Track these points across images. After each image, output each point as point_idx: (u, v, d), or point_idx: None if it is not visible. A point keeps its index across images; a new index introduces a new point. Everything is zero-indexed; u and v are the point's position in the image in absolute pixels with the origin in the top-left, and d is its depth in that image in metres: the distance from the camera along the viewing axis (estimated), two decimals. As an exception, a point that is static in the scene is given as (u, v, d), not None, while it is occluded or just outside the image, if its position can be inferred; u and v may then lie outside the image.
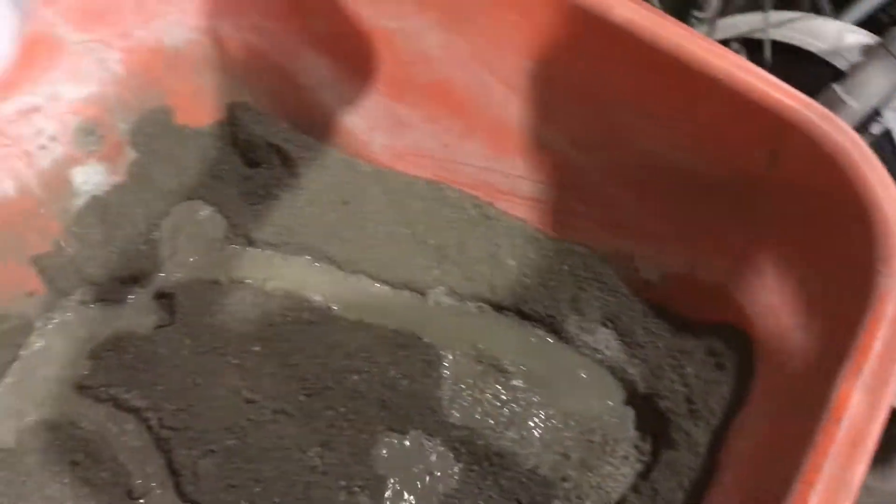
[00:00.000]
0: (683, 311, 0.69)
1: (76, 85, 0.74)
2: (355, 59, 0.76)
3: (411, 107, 0.75)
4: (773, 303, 0.61)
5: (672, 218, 0.67)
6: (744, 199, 0.61)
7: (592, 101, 0.65)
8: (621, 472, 0.65)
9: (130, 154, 0.78)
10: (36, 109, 0.71)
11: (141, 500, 0.65)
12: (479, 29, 0.67)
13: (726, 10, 1.02)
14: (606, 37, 0.60)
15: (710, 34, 0.95)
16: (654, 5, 0.71)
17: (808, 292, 0.58)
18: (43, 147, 0.72)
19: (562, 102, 0.67)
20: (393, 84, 0.75)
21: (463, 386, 0.70)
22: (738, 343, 0.64)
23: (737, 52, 0.91)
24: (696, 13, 0.96)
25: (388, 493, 0.66)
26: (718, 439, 0.61)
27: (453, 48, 0.69)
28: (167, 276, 0.76)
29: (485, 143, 0.74)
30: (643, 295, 0.71)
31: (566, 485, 0.65)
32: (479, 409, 0.69)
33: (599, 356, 0.71)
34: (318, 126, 0.81)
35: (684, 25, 0.58)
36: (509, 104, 0.70)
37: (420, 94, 0.74)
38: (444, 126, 0.75)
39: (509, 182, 0.74)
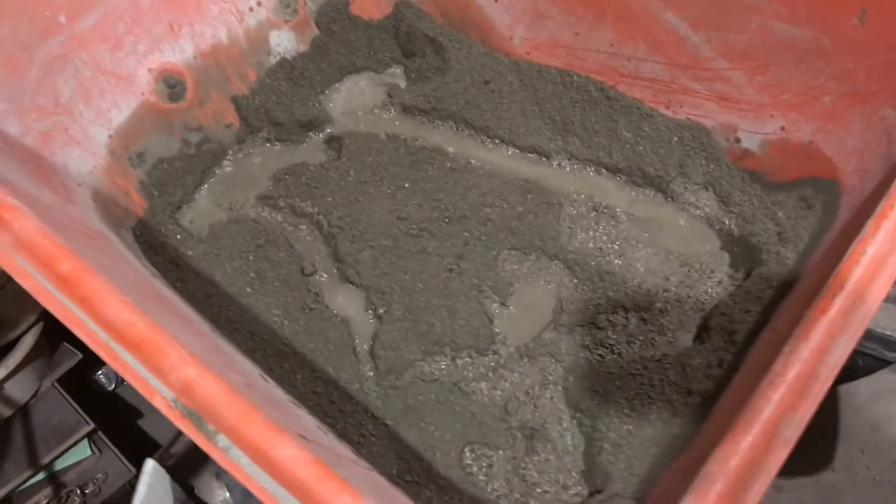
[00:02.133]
0: (778, 174, 0.80)
1: (282, -36, 0.91)
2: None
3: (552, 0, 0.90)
4: (858, 146, 0.71)
5: (773, 88, 0.78)
6: (836, 60, 0.72)
7: (713, -15, 0.78)
8: (716, 291, 0.76)
9: (314, 30, 0.94)
10: (251, -22, 0.89)
11: (312, 277, 0.79)
12: (619, -78, 0.81)
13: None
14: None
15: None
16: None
17: (890, 132, 0.68)
18: (251, 10, 0.89)
19: (685, -12, 0.80)
20: (539, -20, 0.90)
21: (579, 225, 0.82)
22: (826, 187, 0.74)
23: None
24: None
25: (512, 293, 0.78)
26: (804, 258, 0.71)
27: (596, -58, 0.83)
28: (337, 127, 0.92)
29: (613, 30, 0.87)
30: (742, 164, 0.82)
31: (666, 294, 0.75)
32: (592, 243, 0.81)
33: (699, 212, 0.82)
34: (468, 22, 0.96)
35: None
36: (638, -8, 0.83)
37: (561, -13, 0.88)
38: (579, 16, 0.88)
39: (631, 65, 0.87)
